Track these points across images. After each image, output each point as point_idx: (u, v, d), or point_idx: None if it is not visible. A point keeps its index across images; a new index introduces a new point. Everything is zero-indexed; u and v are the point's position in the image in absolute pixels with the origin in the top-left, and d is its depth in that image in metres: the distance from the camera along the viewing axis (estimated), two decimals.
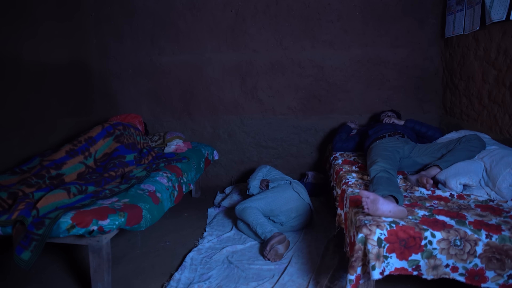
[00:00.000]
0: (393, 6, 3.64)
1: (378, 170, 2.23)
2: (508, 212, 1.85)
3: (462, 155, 2.33)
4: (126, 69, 4.02)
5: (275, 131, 4.01)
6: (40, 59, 3.15)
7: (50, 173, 2.41)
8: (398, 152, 2.59)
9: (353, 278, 1.65)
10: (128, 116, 3.55)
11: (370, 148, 2.67)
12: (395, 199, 1.93)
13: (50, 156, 2.58)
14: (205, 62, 3.93)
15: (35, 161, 2.80)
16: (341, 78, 3.83)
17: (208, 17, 3.84)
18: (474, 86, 3.04)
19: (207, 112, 4.05)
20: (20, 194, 2.10)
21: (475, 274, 1.60)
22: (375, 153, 2.51)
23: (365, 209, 1.76)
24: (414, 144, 2.73)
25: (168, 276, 2.30)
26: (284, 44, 3.82)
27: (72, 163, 2.57)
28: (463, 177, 2.14)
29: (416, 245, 1.63)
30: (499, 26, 2.62)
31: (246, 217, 2.70)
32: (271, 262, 2.42)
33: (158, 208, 2.34)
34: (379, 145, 2.66)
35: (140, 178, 2.56)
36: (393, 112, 3.50)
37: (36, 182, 2.30)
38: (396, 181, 2.15)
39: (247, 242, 2.71)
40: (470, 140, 2.39)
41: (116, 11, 3.90)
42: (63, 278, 2.31)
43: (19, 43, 2.92)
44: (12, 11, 2.85)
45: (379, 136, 2.85)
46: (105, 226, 1.90)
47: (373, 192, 1.94)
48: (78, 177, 2.54)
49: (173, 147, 3.42)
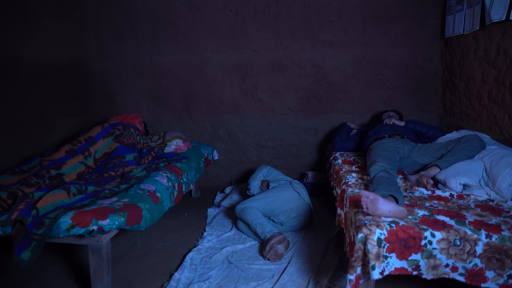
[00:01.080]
0: (393, 6, 3.64)
1: (378, 170, 2.23)
2: (508, 212, 1.85)
3: (462, 155, 2.33)
4: (126, 69, 4.02)
5: (275, 131, 4.01)
6: (40, 59, 3.15)
7: (50, 173, 2.41)
8: (398, 152, 2.59)
9: (353, 278, 1.65)
10: (128, 116, 3.55)
11: (370, 148, 2.67)
12: (395, 199, 1.93)
13: (50, 156, 2.58)
14: (205, 62, 3.93)
15: (34, 161, 2.79)
16: (341, 78, 3.83)
17: (208, 17, 3.84)
18: (474, 86, 3.04)
19: (207, 112, 4.05)
20: (20, 194, 2.10)
21: (475, 274, 1.60)
22: (375, 153, 2.51)
23: (364, 209, 1.76)
24: (414, 144, 2.73)
25: (168, 276, 2.30)
26: (284, 44, 3.82)
27: (72, 163, 2.57)
28: (463, 177, 2.14)
29: (416, 245, 1.63)
30: (499, 26, 2.62)
31: (246, 217, 2.70)
32: (271, 262, 2.42)
33: (158, 208, 2.34)
34: (379, 145, 2.66)
35: (140, 178, 2.56)
36: (395, 112, 3.49)
37: (36, 182, 2.30)
38: (396, 181, 2.15)
39: (247, 242, 2.71)
40: (470, 140, 2.39)
41: (116, 11, 3.90)
42: (63, 278, 2.31)
43: (19, 43, 2.92)
44: (11, 10, 2.85)
45: (379, 136, 2.85)
46: (105, 226, 1.90)
47: (373, 192, 1.94)
48: (78, 177, 2.54)
49: (173, 147, 3.41)
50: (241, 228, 2.86)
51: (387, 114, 3.39)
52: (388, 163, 2.33)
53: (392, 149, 2.58)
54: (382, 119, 3.30)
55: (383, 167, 2.26)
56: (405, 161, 2.62)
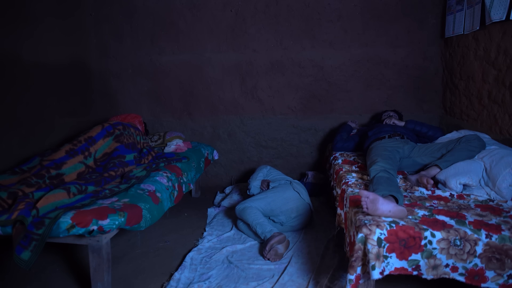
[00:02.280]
0: (393, 6, 3.64)
1: (378, 170, 2.23)
2: (508, 212, 1.85)
3: (462, 155, 2.33)
4: (126, 69, 4.02)
5: (275, 131, 4.01)
6: (40, 59, 3.14)
7: (50, 173, 2.41)
8: (398, 152, 2.59)
9: (353, 278, 1.65)
10: (128, 116, 3.55)
11: (370, 149, 2.67)
12: (395, 199, 1.93)
13: (50, 156, 2.58)
14: (205, 62, 3.93)
15: (35, 161, 2.79)
16: (341, 78, 3.83)
17: (208, 17, 3.84)
18: (474, 86, 3.04)
19: (207, 112, 4.05)
20: (20, 194, 2.10)
21: (475, 274, 1.60)
22: (375, 153, 2.51)
23: (365, 209, 1.76)
24: (414, 144, 2.73)
25: (168, 276, 2.30)
26: (284, 44, 3.82)
27: (72, 163, 2.57)
28: (463, 177, 2.14)
29: (416, 245, 1.63)
30: (499, 26, 2.62)
31: (246, 217, 2.70)
32: (271, 262, 2.42)
33: (158, 208, 2.34)
34: (378, 145, 2.66)
35: (140, 178, 2.56)
36: (395, 112, 3.50)
37: (36, 182, 2.30)
38: (396, 181, 2.15)
39: (247, 242, 2.71)
40: (470, 140, 2.39)
41: (116, 11, 3.89)
42: (63, 278, 2.31)
43: (18, 42, 2.92)
44: (11, 10, 2.85)
45: (378, 137, 2.85)
46: (105, 226, 1.90)
47: (373, 192, 1.94)
48: (78, 177, 2.54)
49: (173, 146, 3.41)
50: (241, 228, 2.86)
51: (387, 114, 3.39)
52: (388, 163, 2.33)
53: (392, 149, 2.58)
54: (382, 119, 3.29)
55: (383, 167, 2.26)
56: (405, 161, 2.62)
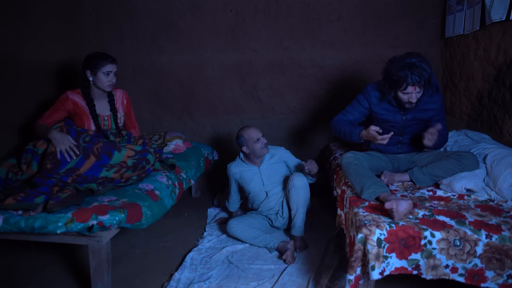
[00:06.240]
0: (393, 6, 3.63)
1: (349, 157, 2.26)
2: (508, 212, 1.85)
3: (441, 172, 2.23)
4: (126, 69, 4.02)
5: (275, 131, 4.01)
6: (40, 58, 3.15)
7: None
8: (389, 166, 2.51)
9: (352, 278, 1.65)
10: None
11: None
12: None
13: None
14: (205, 62, 3.93)
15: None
16: (341, 78, 3.83)
17: (208, 17, 3.84)
18: (474, 86, 3.04)
19: (207, 112, 4.05)
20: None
21: (474, 274, 1.60)
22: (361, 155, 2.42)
23: (396, 219, 1.75)
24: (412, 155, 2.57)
25: (168, 276, 2.30)
26: (284, 44, 3.82)
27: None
28: (469, 182, 2.11)
29: (415, 244, 1.63)
30: (499, 26, 2.61)
31: (239, 236, 2.67)
32: (287, 264, 2.39)
33: (158, 205, 2.34)
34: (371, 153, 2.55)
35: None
36: (424, 79, 3.13)
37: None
38: (371, 172, 2.19)
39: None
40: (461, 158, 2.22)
41: (116, 11, 3.89)
42: (63, 278, 2.32)
43: (19, 43, 2.92)
44: (12, 11, 2.85)
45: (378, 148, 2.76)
46: (105, 221, 1.91)
47: (361, 189, 2.02)
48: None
49: (172, 147, 3.43)
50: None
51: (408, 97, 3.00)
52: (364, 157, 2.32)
53: (384, 161, 2.50)
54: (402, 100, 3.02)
55: (355, 154, 2.29)
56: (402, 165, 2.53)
